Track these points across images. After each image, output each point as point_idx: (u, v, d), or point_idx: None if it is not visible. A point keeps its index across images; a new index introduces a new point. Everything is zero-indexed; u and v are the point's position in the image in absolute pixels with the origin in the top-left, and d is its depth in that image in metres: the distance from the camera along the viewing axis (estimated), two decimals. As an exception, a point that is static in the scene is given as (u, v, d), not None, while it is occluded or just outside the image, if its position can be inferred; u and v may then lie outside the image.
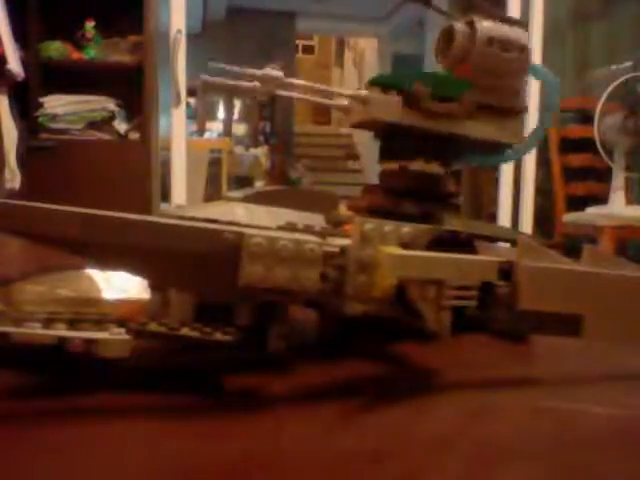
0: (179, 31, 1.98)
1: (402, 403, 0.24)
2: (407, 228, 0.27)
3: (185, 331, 0.24)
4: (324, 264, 0.25)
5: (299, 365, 0.28)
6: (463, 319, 0.27)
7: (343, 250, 0.25)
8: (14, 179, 2.01)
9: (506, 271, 0.26)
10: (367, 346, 0.33)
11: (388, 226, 0.27)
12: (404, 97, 0.38)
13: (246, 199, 0.39)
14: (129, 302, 0.28)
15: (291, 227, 0.30)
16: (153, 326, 0.24)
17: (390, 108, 0.38)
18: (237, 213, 0.36)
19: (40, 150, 2.25)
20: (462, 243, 0.34)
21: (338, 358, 0.30)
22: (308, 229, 0.30)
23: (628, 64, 2.33)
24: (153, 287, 0.27)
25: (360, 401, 0.24)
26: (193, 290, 0.25)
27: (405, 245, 0.26)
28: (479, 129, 0.40)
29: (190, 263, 0.24)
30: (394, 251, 0.24)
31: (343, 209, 0.41)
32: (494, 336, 0.33)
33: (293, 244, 0.24)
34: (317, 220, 0.36)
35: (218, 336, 0.24)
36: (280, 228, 0.29)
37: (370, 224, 0.26)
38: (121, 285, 0.29)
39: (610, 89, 2.13)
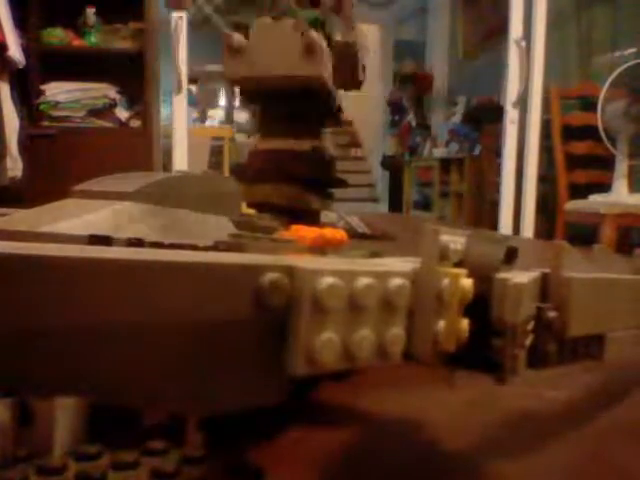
0: (180, 17, 1.97)
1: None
2: (461, 237, 0.18)
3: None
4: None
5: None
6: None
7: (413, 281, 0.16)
8: (16, 167, 2.01)
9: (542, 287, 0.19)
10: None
11: (446, 234, 0.17)
12: (334, 53, 0.27)
13: (125, 196, 0.21)
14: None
15: (241, 240, 0.19)
16: None
17: (330, 66, 0.26)
18: (124, 221, 0.21)
19: (41, 138, 2.24)
20: None
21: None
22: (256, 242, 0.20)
23: (632, 50, 2.31)
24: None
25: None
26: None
27: (461, 265, 0.17)
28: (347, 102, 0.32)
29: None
30: (520, 279, 0.16)
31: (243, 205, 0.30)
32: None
33: (376, 279, 0.15)
34: (226, 225, 0.24)
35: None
36: (223, 243, 0.19)
37: (445, 234, 0.17)
38: None
39: (614, 76, 2.12)
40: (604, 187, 2.26)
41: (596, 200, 2.17)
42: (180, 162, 2.05)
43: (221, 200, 0.24)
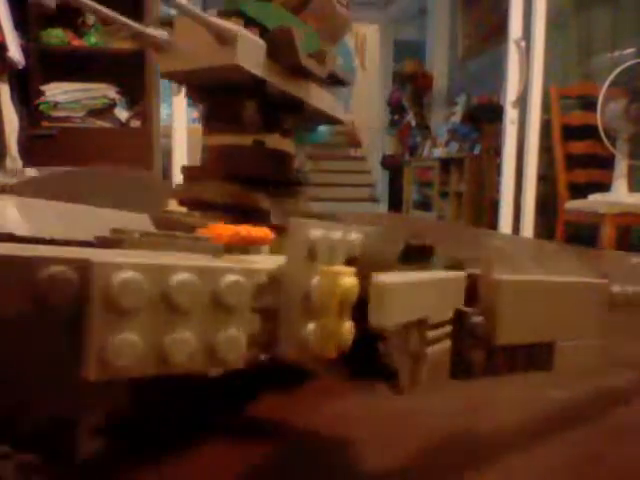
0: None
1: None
2: (355, 234, 0.16)
3: None
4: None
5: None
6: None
7: (275, 280, 0.15)
8: (15, 167, 2.01)
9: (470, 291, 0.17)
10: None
11: (335, 232, 0.16)
12: (269, 41, 0.26)
13: (14, 188, 0.18)
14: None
15: (122, 235, 0.17)
16: None
17: (258, 54, 0.25)
18: (7, 215, 0.20)
19: (41, 138, 2.24)
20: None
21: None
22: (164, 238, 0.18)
23: (631, 50, 2.31)
24: None
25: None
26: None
27: (353, 262, 0.16)
28: (325, 101, 0.30)
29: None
30: (391, 279, 0.14)
31: (173, 203, 0.28)
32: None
33: (199, 276, 0.13)
34: (142, 222, 0.23)
35: None
36: (100, 239, 0.17)
37: (316, 230, 0.15)
38: None
39: (613, 76, 2.12)
40: (604, 187, 2.25)
41: (596, 200, 2.17)
42: (180, 162, 2.05)
43: (141, 197, 0.23)
